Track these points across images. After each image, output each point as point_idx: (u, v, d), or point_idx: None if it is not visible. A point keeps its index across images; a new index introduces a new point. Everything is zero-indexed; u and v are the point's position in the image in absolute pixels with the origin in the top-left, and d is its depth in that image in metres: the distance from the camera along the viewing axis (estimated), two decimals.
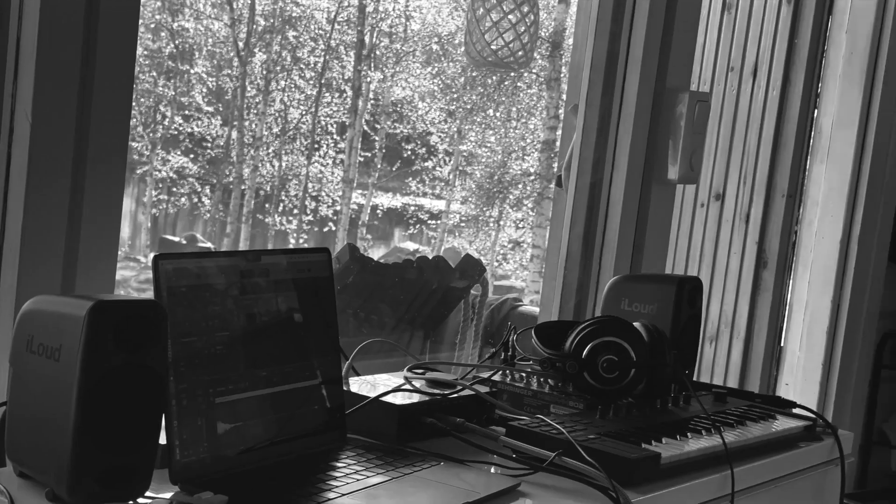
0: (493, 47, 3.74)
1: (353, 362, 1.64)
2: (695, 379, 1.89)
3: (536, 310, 3.05)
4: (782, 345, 2.97)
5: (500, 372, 1.68)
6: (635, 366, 1.56)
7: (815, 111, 2.93)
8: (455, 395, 1.52)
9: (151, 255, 1.45)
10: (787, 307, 2.96)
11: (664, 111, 2.21)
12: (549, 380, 1.64)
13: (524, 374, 1.67)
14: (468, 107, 13.28)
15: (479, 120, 13.33)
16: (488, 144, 13.34)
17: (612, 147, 2.21)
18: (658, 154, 2.21)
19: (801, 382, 2.93)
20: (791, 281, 2.94)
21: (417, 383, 1.56)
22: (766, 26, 2.95)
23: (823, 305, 2.88)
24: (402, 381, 1.57)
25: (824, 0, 2.87)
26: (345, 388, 1.47)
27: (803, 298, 2.90)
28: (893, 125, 2.89)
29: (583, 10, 2.76)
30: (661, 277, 1.99)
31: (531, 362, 1.69)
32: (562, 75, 11.89)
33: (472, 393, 1.54)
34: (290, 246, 13.16)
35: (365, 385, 1.55)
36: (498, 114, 13.22)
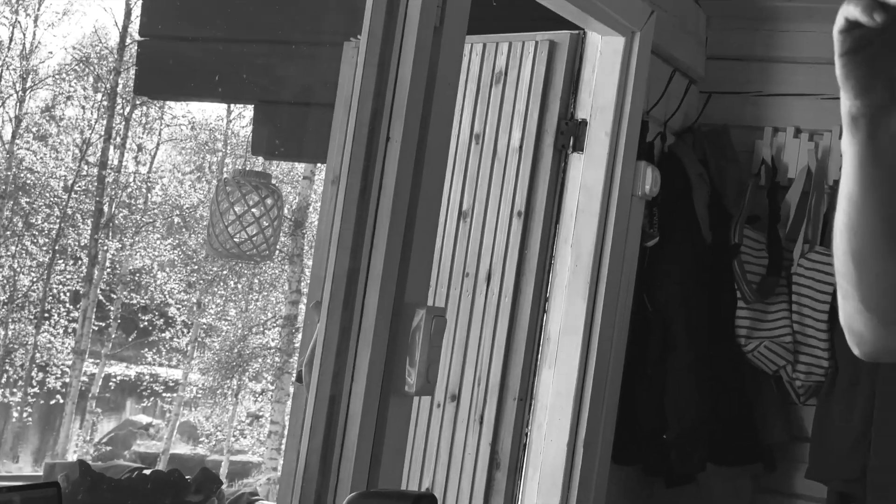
0: (235, 240, 3.76)
1: None
2: None
3: None
4: None
5: None
6: None
7: (545, 318, 3.08)
8: None
9: None
10: None
11: (402, 325, 2.28)
12: None
13: None
14: (209, 278, 13.17)
15: (220, 292, 13.22)
16: (228, 318, 13.21)
17: (351, 359, 2.25)
18: (396, 367, 2.27)
19: None
20: (522, 482, 3.04)
21: None
22: (499, 236, 3.12)
23: None
24: None
25: (551, 215, 3.06)
26: None
27: (533, 500, 3.00)
28: (614, 333, 3.07)
29: (324, 221, 2.83)
30: (397, 495, 2.02)
31: None
32: (304, 251, 12.02)
33: None
34: (13, 420, 12.44)
35: None
36: (240, 286, 13.16)
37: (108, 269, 12.66)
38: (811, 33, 3.30)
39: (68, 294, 12.40)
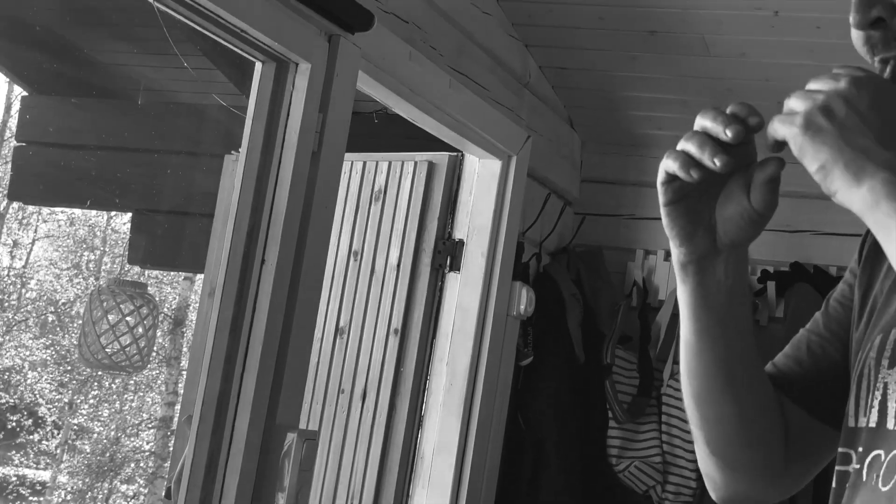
0: (107, 350, 3.69)
1: None
2: None
3: None
4: None
5: None
6: None
7: (419, 436, 3.08)
8: None
9: None
10: None
11: (272, 449, 2.25)
12: None
13: None
14: (82, 378, 12.81)
15: (93, 392, 12.86)
16: (101, 419, 12.84)
17: (219, 483, 2.21)
18: (265, 493, 2.24)
19: None
20: None
21: None
22: (376, 354, 3.12)
23: None
24: None
25: (427, 334, 3.08)
26: None
27: None
28: (488, 452, 3.09)
29: (199, 333, 2.80)
30: None
31: None
32: (182, 353, 11.81)
33: None
34: None
35: None
36: (114, 386, 12.83)
37: None
38: None
39: None
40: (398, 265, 3.12)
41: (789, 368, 1.20)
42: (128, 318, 3.80)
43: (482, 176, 3.10)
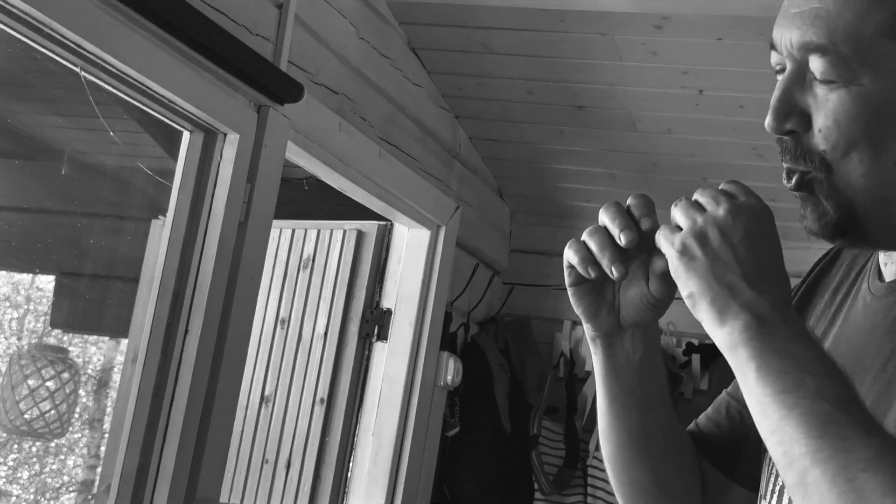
0: (26, 417, 3.60)
1: None
2: None
3: None
4: None
5: None
6: None
7: None
8: None
9: None
10: None
11: None
12: None
13: None
14: (1, 441, 12.50)
15: (13, 455, 12.55)
16: (21, 482, 12.52)
17: None
18: None
19: None
20: None
21: None
22: (301, 423, 3.09)
23: None
24: None
25: (354, 403, 3.06)
26: None
27: None
28: None
29: (121, 400, 2.75)
30: None
31: None
32: (106, 414, 11.57)
33: None
34: None
35: None
36: (34, 449, 12.53)
37: None
38: None
39: None
40: (325, 334, 3.10)
41: (709, 430, 1.23)
42: (48, 384, 3.72)
43: (411, 245, 3.10)
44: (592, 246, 1.01)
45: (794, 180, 1.00)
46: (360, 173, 2.70)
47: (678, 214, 0.96)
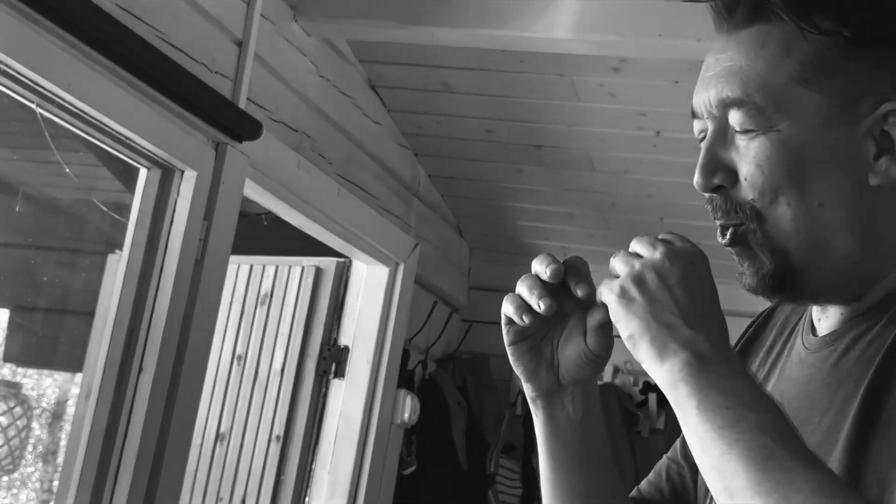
0: None
1: None
2: None
3: None
4: None
5: None
6: None
7: None
8: None
9: None
10: None
11: None
12: None
13: None
14: None
15: None
16: None
17: None
18: None
19: None
20: None
21: None
22: (256, 460, 3.06)
23: None
24: None
25: (310, 441, 3.04)
26: None
27: None
28: None
29: (74, 437, 2.71)
30: None
31: None
32: (60, 447, 11.43)
33: None
34: None
35: None
36: None
37: None
38: None
39: None
40: (282, 370, 3.09)
41: (651, 496, 1.23)
42: (0, 419, 3.67)
43: (369, 282, 3.10)
44: (523, 290, 1.02)
45: (727, 235, 1.01)
46: (318, 210, 2.70)
47: (617, 263, 0.97)
